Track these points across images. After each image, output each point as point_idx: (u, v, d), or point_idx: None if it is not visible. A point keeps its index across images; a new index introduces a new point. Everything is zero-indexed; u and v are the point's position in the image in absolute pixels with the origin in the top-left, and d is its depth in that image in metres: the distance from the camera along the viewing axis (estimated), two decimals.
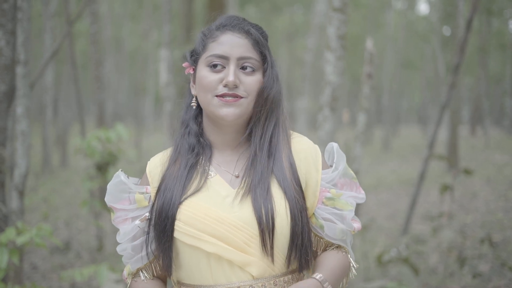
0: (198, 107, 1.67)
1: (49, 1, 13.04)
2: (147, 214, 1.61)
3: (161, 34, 12.39)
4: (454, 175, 5.77)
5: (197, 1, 14.97)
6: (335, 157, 1.66)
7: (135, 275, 1.65)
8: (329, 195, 1.61)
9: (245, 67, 1.58)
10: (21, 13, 3.25)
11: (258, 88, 1.58)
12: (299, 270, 1.59)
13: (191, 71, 1.66)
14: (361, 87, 4.92)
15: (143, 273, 1.64)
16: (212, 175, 1.61)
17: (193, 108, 1.66)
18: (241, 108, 1.57)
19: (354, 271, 1.63)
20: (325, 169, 1.64)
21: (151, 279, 1.65)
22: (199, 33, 1.67)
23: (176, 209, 1.55)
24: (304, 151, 1.64)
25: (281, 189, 1.56)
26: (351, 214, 1.60)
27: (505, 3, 19.23)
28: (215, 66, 1.58)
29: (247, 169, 1.60)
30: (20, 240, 2.81)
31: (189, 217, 1.54)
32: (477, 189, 9.94)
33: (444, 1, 18.53)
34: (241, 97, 1.56)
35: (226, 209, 1.54)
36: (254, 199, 1.54)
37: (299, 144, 1.66)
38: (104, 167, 5.39)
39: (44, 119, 14.57)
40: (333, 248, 1.62)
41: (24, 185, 3.30)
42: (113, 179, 1.65)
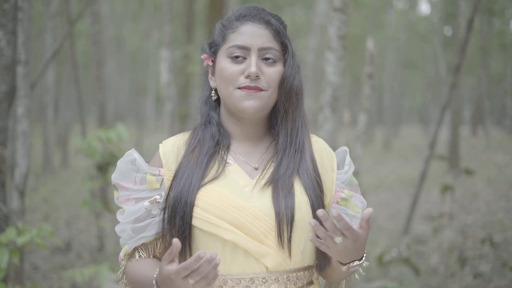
0: (216, 99, 1.65)
1: (50, 1, 13.03)
2: (157, 196, 1.58)
3: (162, 34, 12.37)
4: (455, 175, 5.77)
5: (198, 1, 14.95)
6: (347, 160, 1.67)
7: (131, 255, 1.62)
8: (343, 195, 1.62)
9: (267, 58, 1.56)
10: (21, 13, 3.25)
11: (279, 79, 1.57)
12: (321, 267, 1.58)
13: (210, 63, 1.63)
14: (362, 87, 4.92)
15: (138, 252, 1.60)
16: (230, 163, 1.59)
17: (212, 99, 1.65)
18: (261, 101, 1.55)
19: (360, 270, 1.62)
20: (338, 170, 1.65)
21: (147, 258, 1.60)
22: (217, 24, 1.63)
23: (195, 195, 1.52)
24: (321, 150, 1.65)
25: (303, 185, 1.56)
26: (359, 216, 1.61)
27: (507, 3, 19.23)
28: (236, 57, 1.55)
29: (269, 162, 1.58)
30: (20, 240, 2.81)
31: (208, 204, 1.51)
32: (478, 189, 9.94)
33: (445, 1, 18.53)
34: (261, 90, 1.55)
35: (245, 198, 1.52)
36: (274, 191, 1.52)
37: (316, 143, 1.66)
38: (104, 167, 5.40)
39: (45, 119, 14.55)
40: None
41: (24, 185, 3.29)
42: (124, 157, 1.62)
